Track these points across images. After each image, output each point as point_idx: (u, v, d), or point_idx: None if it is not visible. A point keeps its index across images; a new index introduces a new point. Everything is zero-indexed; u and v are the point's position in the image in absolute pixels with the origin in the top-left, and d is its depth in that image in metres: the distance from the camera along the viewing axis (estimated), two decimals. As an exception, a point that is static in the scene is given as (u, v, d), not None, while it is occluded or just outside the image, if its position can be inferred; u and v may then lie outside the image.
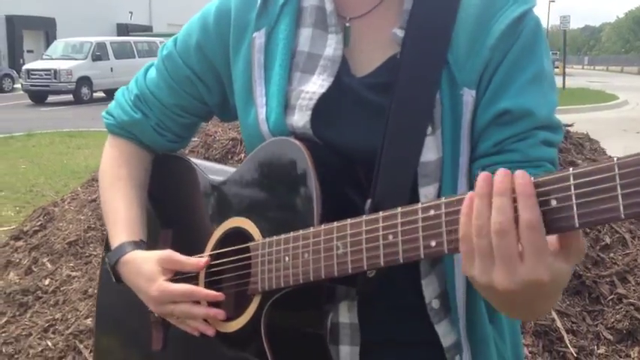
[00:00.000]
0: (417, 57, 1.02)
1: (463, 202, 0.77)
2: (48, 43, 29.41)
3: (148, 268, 1.11)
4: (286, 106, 1.07)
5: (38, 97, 21.26)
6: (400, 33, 1.05)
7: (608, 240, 3.16)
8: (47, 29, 35.10)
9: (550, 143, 1.00)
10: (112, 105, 1.29)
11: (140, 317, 1.21)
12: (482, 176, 0.76)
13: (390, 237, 0.85)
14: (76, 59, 21.73)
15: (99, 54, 21.90)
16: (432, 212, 0.81)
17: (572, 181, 0.69)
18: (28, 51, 34.15)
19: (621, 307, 2.89)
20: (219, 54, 1.17)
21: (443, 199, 0.80)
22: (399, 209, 0.85)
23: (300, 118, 1.05)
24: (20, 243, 4.04)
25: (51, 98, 21.48)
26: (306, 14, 1.11)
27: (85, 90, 21.26)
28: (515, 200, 0.73)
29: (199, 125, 1.33)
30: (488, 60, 0.99)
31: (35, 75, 20.95)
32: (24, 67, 22.05)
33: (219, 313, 1.06)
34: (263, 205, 1.05)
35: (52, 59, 22.03)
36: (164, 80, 1.24)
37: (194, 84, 1.21)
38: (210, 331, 1.07)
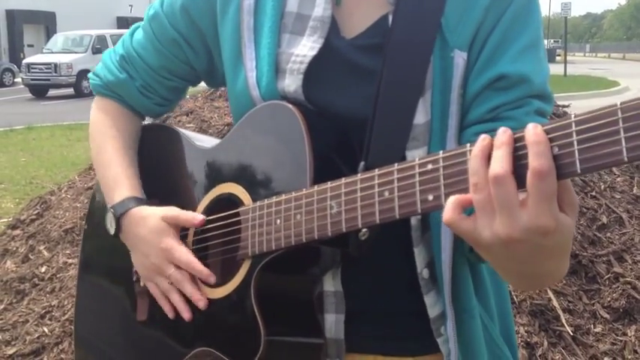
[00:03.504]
0: (410, 18, 1.00)
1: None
2: (48, 37, 29.40)
3: (155, 223, 1.09)
4: (276, 70, 1.05)
5: (39, 91, 21.26)
6: None
7: (604, 219, 3.15)
8: (47, 23, 35.10)
9: (543, 113, 0.98)
10: (98, 66, 1.27)
11: (124, 288, 1.20)
12: (482, 137, 0.74)
13: (386, 193, 0.83)
14: (76, 53, 21.74)
15: (99, 47, 21.78)
16: (429, 166, 0.79)
17: (574, 128, 0.68)
18: (29, 45, 34.14)
19: (618, 286, 2.88)
20: (205, 17, 1.13)
21: (440, 153, 0.79)
22: (396, 165, 0.83)
23: (291, 82, 1.03)
24: (17, 231, 4.04)
25: (51, 92, 21.48)
26: None
27: (85, 83, 21.12)
28: (517, 150, 0.71)
29: (187, 89, 1.30)
30: (481, 21, 0.97)
31: (35, 69, 20.94)
32: (24, 61, 22.01)
33: (202, 300, 1.05)
34: (254, 170, 1.02)
35: (52, 53, 22.03)
36: (150, 42, 1.20)
37: (181, 47, 1.18)
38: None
